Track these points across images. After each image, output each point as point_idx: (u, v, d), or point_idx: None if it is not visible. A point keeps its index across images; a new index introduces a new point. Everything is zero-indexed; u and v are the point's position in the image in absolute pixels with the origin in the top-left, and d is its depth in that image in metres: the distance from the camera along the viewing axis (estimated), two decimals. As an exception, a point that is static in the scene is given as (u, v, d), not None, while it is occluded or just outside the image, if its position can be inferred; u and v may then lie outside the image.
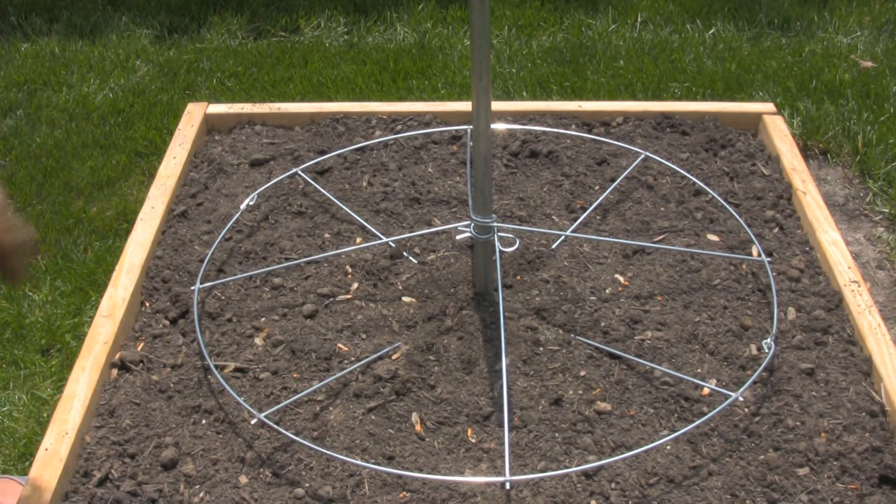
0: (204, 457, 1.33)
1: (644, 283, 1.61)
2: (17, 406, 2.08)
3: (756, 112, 2.01)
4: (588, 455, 1.32)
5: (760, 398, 1.40)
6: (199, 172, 1.91)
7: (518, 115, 2.03)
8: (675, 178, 1.86)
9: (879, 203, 2.60)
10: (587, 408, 1.38)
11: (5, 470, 1.96)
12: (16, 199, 2.77)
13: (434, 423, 1.37)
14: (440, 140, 1.99)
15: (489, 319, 1.52)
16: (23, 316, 2.33)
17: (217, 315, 1.56)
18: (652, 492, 1.27)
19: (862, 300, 1.53)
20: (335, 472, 1.31)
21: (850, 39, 3.50)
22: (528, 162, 1.92)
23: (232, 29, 3.74)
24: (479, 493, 1.27)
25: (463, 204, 1.81)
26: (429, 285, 1.60)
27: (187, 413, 1.40)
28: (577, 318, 1.53)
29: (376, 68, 3.41)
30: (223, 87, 3.35)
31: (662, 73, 3.27)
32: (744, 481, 1.28)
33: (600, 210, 1.78)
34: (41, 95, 3.34)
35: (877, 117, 2.91)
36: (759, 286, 1.60)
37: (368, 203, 1.81)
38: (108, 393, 1.43)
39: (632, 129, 1.99)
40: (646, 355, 1.47)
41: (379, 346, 1.49)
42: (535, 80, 3.27)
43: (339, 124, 2.03)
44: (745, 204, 1.79)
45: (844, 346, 1.48)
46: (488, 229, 1.47)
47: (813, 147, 2.87)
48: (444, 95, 3.21)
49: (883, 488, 1.28)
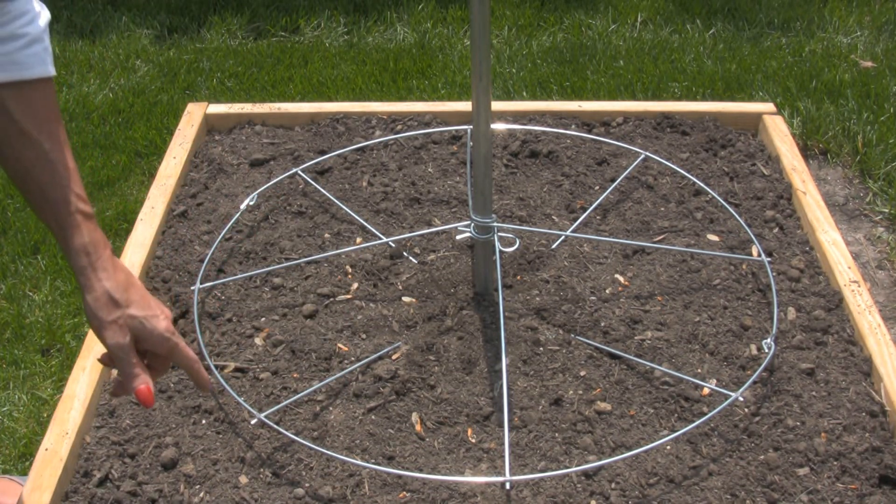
0: (204, 457, 1.33)
1: (644, 283, 1.61)
2: (17, 406, 2.09)
3: (756, 112, 2.01)
4: (588, 455, 1.32)
5: (760, 398, 1.40)
6: (199, 172, 1.91)
7: (518, 115, 2.03)
8: (675, 178, 1.86)
9: (879, 203, 2.60)
10: (587, 408, 1.38)
11: (5, 470, 1.96)
12: (16, 198, 2.77)
13: (434, 423, 1.37)
14: (440, 140, 1.99)
15: (489, 319, 1.52)
16: (23, 316, 2.33)
17: (217, 315, 1.56)
18: (652, 492, 1.27)
19: (862, 300, 1.53)
20: (335, 472, 1.31)
21: (850, 39, 3.50)
22: (528, 162, 1.92)
23: (232, 29, 3.74)
24: (479, 493, 1.27)
25: (463, 204, 1.81)
26: (429, 285, 1.60)
27: (187, 413, 1.40)
28: (577, 318, 1.53)
29: (376, 68, 3.41)
30: (223, 87, 3.35)
31: (662, 73, 3.27)
32: (744, 481, 1.28)
33: (600, 210, 1.78)
34: (41, 95, 3.34)
35: (877, 117, 2.91)
36: (759, 286, 1.60)
37: (368, 203, 1.81)
38: (108, 393, 1.43)
39: (632, 129, 1.99)
40: (646, 355, 1.47)
41: (379, 346, 1.49)
42: (535, 80, 3.27)
43: (339, 124, 2.03)
44: (745, 204, 1.79)
45: (844, 346, 1.48)
46: (488, 229, 1.47)
47: (813, 147, 2.87)
48: (444, 95, 3.21)
49: (883, 488, 1.28)
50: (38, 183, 1.03)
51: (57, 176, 1.03)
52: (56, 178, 1.03)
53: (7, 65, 0.99)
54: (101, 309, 1.05)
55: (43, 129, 1.02)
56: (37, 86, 1.02)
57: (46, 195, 1.04)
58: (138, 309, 1.07)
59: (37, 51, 1.01)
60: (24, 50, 1.00)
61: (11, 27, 0.98)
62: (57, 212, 1.04)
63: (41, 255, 2.54)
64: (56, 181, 1.03)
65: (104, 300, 1.05)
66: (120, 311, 1.06)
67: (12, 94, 0.99)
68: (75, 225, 1.05)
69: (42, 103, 1.02)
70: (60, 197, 1.04)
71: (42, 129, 1.01)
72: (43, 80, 1.03)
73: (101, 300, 1.05)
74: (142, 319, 1.07)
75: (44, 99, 1.02)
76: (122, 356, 1.06)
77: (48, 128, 1.02)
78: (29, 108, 1.01)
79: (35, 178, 1.03)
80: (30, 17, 1.01)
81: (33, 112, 1.01)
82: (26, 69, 1.00)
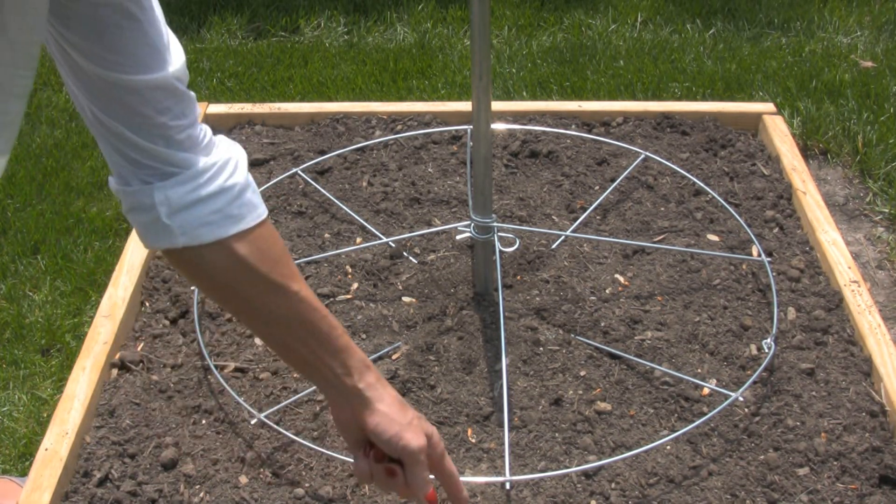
0: (204, 457, 1.33)
1: (644, 283, 1.61)
2: (17, 406, 2.09)
3: (756, 112, 2.01)
4: (588, 455, 1.32)
5: (760, 398, 1.40)
6: (199, 172, 1.91)
7: (518, 115, 2.03)
8: (675, 178, 1.86)
9: (879, 203, 2.60)
10: (587, 408, 1.38)
11: (5, 470, 1.96)
12: (16, 198, 2.77)
13: (434, 423, 1.37)
14: (440, 140, 1.99)
15: (489, 319, 1.52)
16: (23, 316, 2.33)
17: (217, 315, 1.56)
18: (652, 492, 1.27)
19: (862, 300, 1.53)
20: (335, 472, 1.30)
21: (850, 39, 3.50)
22: (528, 162, 1.92)
23: (232, 29, 3.74)
24: (479, 493, 1.27)
25: (463, 204, 1.81)
26: (429, 285, 1.60)
27: (187, 413, 1.40)
28: (577, 318, 1.53)
29: (376, 68, 3.41)
30: (223, 87, 3.35)
31: (662, 73, 3.27)
32: (744, 481, 1.28)
33: (600, 210, 1.78)
34: (41, 95, 3.34)
35: (877, 117, 2.91)
36: (759, 286, 1.60)
37: (368, 203, 1.81)
38: (108, 393, 1.43)
39: (632, 129, 1.99)
40: (646, 355, 1.47)
41: (379, 346, 1.49)
42: (535, 80, 3.27)
43: (339, 124, 2.03)
44: (745, 204, 1.79)
45: (844, 346, 1.48)
46: (488, 229, 1.47)
47: (813, 147, 2.86)
48: (444, 95, 3.21)
49: (883, 488, 1.28)
50: (300, 320, 0.99)
51: (311, 307, 1.00)
52: (311, 308, 1.00)
53: (223, 220, 0.95)
54: (398, 413, 1.02)
55: (277, 269, 0.98)
56: (259, 231, 0.98)
57: (310, 328, 1.00)
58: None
59: (249, 198, 0.97)
60: (236, 201, 0.96)
61: (217, 183, 0.95)
62: (328, 339, 1.01)
63: (41, 255, 2.54)
64: (313, 311, 1.00)
65: (398, 405, 1.03)
66: (412, 413, 1.04)
67: (242, 245, 0.96)
68: (345, 344, 1.02)
69: (268, 245, 0.99)
70: (326, 324, 1.00)
71: (277, 269, 0.98)
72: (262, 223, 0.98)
73: (395, 406, 1.02)
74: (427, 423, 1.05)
75: (269, 240, 0.99)
76: (422, 459, 1.02)
77: (282, 268, 0.99)
78: (260, 253, 0.97)
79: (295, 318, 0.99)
80: (233, 167, 0.96)
81: (265, 256, 0.98)
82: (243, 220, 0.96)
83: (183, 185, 0.93)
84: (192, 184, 0.93)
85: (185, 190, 0.93)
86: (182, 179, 0.93)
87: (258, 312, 1.00)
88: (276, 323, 1.00)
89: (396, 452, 1.01)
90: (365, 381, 1.02)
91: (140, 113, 0.87)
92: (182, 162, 0.92)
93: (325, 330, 1.00)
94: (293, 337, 1.01)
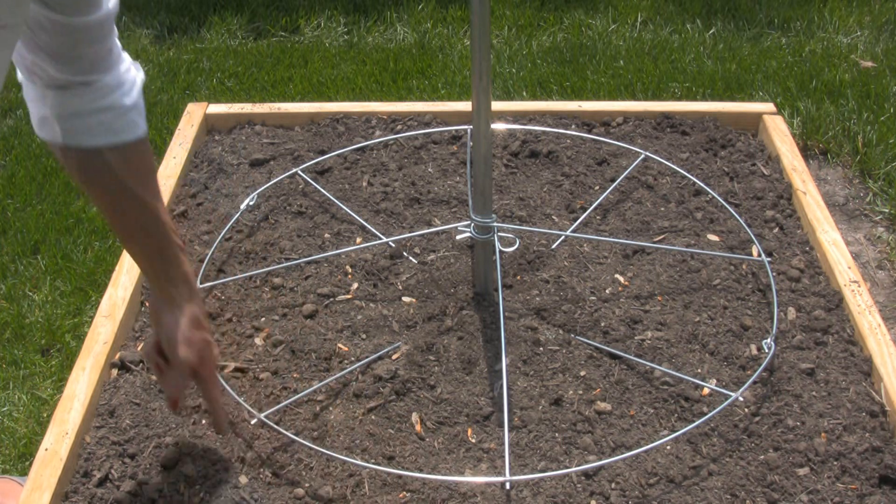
0: (204, 457, 1.33)
1: (644, 283, 1.61)
2: (17, 406, 2.09)
3: (756, 112, 2.01)
4: (588, 455, 1.32)
5: (760, 398, 1.40)
6: (199, 172, 1.91)
7: (518, 115, 2.03)
8: (675, 178, 1.86)
9: (879, 203, 2.60)
10: (587, 408, 1.38)
11: (5, 470, 1.96)
12: (16, 199, 2.77)
13: (434, 423, 1.37)
14: (440, 140, 1.99)
15: (489, 319, 1.52)
16: (23, 316, 2.33)
17: (217, 315, 1.56)
18: (652, 492, 1.27)
19: (862, 300, 1.53)
20: (335, 472, 1.31)
21: (850, 39, 3.50)
22: (528, 162, 1.92)
23: (232, 29, 3.75)
24: (479, 493, 1.27)
25: (463, 204, 1.81)
26: (429, 285, 1.61)
27: (187, 413, 1.40)
28: (577, 318, 1.53)
29: (376, 68, 3.41)
30: (223, 87, 3.35)
31: (662, 73, 3.27)
32: (744, 481, 1.28)
33: (600, 210, 1.78)
34: (41, 95, 3.34)
35: (877, 117, 2.91)
36: (759, 286, 1.60)
37: (368, 203, 1.81)
38: (108, 393, 1.43)
39: (632, 129, 1.99)
40: (646, 355, 1.47)
41: (379, 346, 1.49)
42: (535, 80, 3.27)
43: (339, 124, 2.03)
44: (745, 204, 1.79)
45: (844, 346, 1.48)
46: (488, 229, 1.47)
47: (813, 147, 2.87)
48: (444, 95, 3.21)
49: (883, 488, 1.28)
50: (142, 225, 1.19)
51: (157, 219, 1.19)
52: (156, 220, 1.19)
53: (105, 132, 1.12)
54: (187, 326, 1.21)
55: (139, 181, 1.17)
56: (132, 146, 1.15)
57: (150, 234, 1.19)
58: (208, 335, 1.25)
59: (132, 118, 1.14)
60: (120, 118, 1.12)
61: (109, 99, 1.11)
62: (160, 247, 1.20)
63: (41, 255, 2.54)
64: (156, 223, 1.19)
65: (193, 321, 1.21)
66: (201, 336, 1.22)
67: (113, 154, 1.13)
68: (177, 257, 1.21)
69: (138, 159, 1.17)
70: (162, 235, 1.20)
71: (139, 181, 1.17)
72: (138, 140, 1.16)
73: (189, 319, 1.21)
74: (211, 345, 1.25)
75: (140, 155, 1.17)
76: (183, 369, 1.21)
77: (144, 180, 1.18)
78: (127, 164, 1.15)
79: (138, 222, 1.18)
80: (126, 89, 1.13)
81: (131, 168, 1.15)
82: (122, 134, 1.13)
83: (80, 97, 1.08)
84: (88, 97, 1.09)
85: (81, 101, 1.09)
86: (80, 92, 1.08)
87: (119, 215, 1.19)
88: (130, 226, 1.20)
89: (169, 355, 1.21)
90: (178, 291, 1.21)
91: (73, 47, 1.04)
92: (87, 79, 1.08)
93: (166, 243, 1.20)
94: (138, 238, 1.21)
